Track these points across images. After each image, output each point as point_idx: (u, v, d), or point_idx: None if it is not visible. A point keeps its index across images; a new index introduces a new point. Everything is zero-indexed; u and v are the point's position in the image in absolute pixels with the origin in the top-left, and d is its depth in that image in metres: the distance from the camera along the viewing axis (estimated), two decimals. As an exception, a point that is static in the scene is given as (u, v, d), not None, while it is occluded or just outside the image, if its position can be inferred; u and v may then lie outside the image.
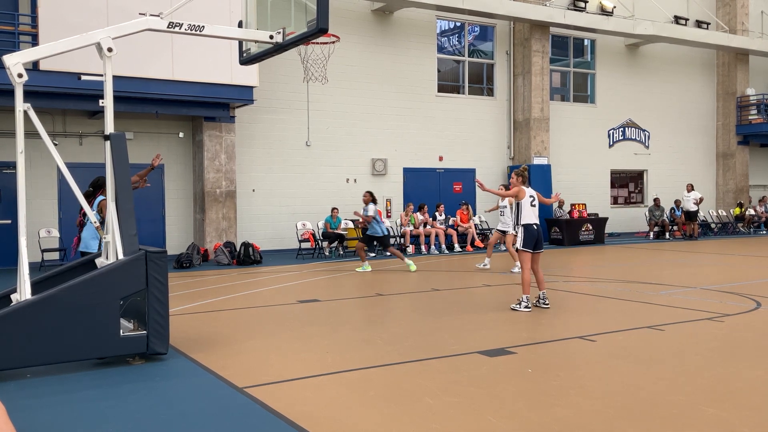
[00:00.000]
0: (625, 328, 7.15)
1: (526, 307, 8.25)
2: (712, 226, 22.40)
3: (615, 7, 20.70)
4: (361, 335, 7.02)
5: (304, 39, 6.52)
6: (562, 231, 18.61)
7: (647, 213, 21.20)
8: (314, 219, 16.48)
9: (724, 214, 23.03)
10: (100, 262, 6.33)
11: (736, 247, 17.29)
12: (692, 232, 20.29)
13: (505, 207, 12.81)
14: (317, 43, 12.91)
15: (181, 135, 15.83)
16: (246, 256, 14.33)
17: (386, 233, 13.15)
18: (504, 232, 12.97)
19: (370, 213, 12.81)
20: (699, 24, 22.39)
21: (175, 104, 14.24)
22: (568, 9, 19.78)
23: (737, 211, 22.66)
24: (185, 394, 5.04)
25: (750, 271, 12.24)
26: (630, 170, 22.50)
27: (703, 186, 22.85)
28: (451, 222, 17.35)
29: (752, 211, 23.07)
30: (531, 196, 8.49)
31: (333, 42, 13.17)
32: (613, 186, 22.17)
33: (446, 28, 19.69)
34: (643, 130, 22.45)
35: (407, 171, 18.44)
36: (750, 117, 23.37)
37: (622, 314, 8.18)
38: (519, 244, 8.37)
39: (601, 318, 7.96)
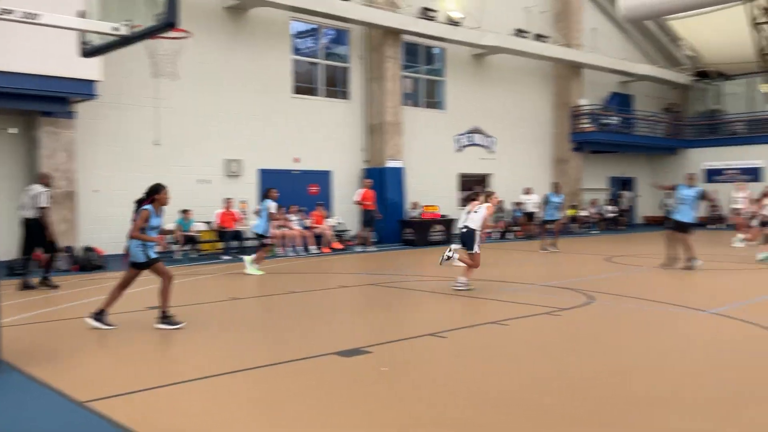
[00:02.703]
0: (473, 324, 7.50)
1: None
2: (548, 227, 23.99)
3: (463, 18, 21.68)
4: (215, 341, 6.82)
5: (152, 33, 6.23)
6: (414, 232, 19.18)
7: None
8: (164, 221, 15.75)
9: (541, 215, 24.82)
10: None
11: (571, 246, 18.70)
12: (531, 232, 21.73)
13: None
14: (167, 37, 12.35)
15: (12, 131, 14.53)
16: (87, 261, 13.44)
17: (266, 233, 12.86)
18: None
19: (272, 210, 12.58)
20: (539, 37, 24.00)
21: (5, 97, 13.05)
22: (419, 18, 20.45)
23: (572, 212, 24.52)
24: (20, 412, 4.63)
25: (583, 269, 13.30)
26: (476, 174, 23.64)
27: (541, 189, 24.41)
28: (307, 224, 17.31)
29: (585, 213, 25.08)
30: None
31: (184, 37, 12.67)
32: (462, 189, 23.19)
33: (302, 29, 19.65)
34: (489, 136, 23.70)
35: (263, 172, 18.17)
36: (583, 126, 25.42)
37: (470, 311, 8.59)
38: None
39: (450, 315, 8.31)
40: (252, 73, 17.93)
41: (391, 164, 19.97)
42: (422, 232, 19.24)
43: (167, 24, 5.84)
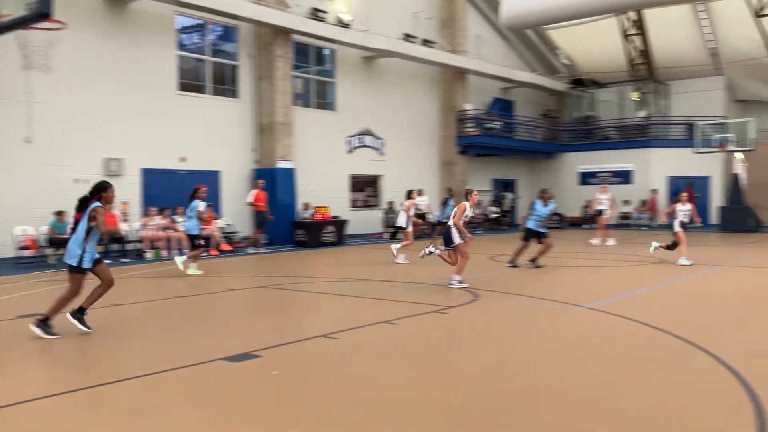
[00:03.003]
0: (364, 324, 7.56)
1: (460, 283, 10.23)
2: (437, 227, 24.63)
3: (353, 20, 21.82)
4: (94, 349, 6.48)
5: (23, 23, 5.84)
6: (306, 233, 19.07)
7: (382, 215, 22.70)
8: (36, 223, 14.77)
9: (432, 216, 25.44)
10: None
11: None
12: (422, 232, 22.21)
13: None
14: (39, 28, 11.62)
15: None
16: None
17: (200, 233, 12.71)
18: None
19: (200, 209, 12.40)
20: (426, 43, 24.57)
21: None
22: (309, 18, 20.37)
23: (458, 213, 25.25)
24: None
25: (469, 267, 13.69)
26: (367, 175, 23.87)
27: (430, 191, 24.99)
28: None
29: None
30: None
31: (58, 29, 11.97)
32: (352, 190, 23.33)
33: (187, 24, 19.05)
34: (379, 138, 23.99)
35: (146, 172, 17.45)
36: (467, 129, 26.26)
37: (362, 311, 8.65)
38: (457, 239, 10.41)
39: (342, 316, 8.34)
40: (134, 68, 17.18)
41: (282, 165, 19.77)
42: (314, 234, 19.17)
43: (40, 14, 5.50)
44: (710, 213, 26.83)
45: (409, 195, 15.41)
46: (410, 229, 15.05)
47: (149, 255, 15.54)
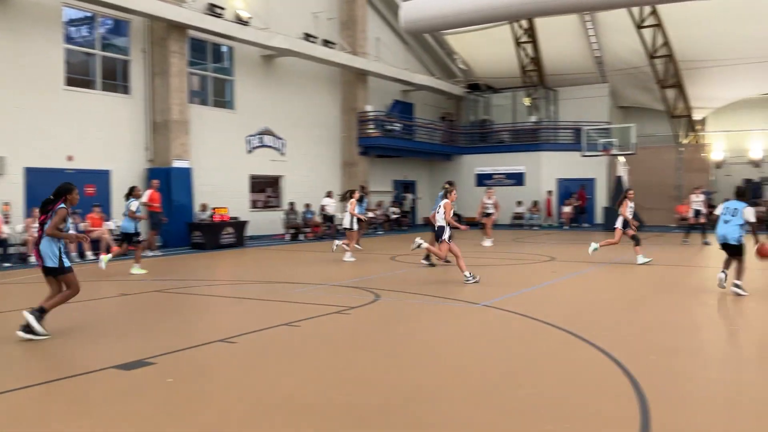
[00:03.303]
0: (265, 327, 7.46)
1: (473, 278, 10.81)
2: (339, 227, 24.71)
3: (251, 18, 21.46)
4: (-31, 362, 6.03)
5: None
6: (204, 235, 18.58)
7: (283, 216, 22.48)
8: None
9: (341, 216, 25.57)
10: None
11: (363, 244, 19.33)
12: (324, 233, 22.21)
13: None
14: None
15: None
16: None
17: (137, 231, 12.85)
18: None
19: (132, 208, 12.58)
20: (326, 43, 24.54)
21: None
22: (206, 14, 19.86)
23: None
24: None
25: (371, 267, 13.82)
26: (268, 176, 23.54)
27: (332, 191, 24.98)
28: (82, 227, 15.97)
29: (371, 214, 26.09)
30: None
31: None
32: (252, 190, 22.94)
33: (75, 17, 18.08)
34: (279, 138, 23.72)
35: (30, 171, 16.40)
36: (368, 131, 26.45)
37: (262, 314, 8.53)
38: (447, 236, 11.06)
39: (241, 319, 8.19)
40: (15, 61, 16.13)
41: (177, 164, 19.15)
42: (212, 235, 18.70)
43: None
44: (595, 213, 28.40)
45: (351, 195, 15.72)
46: (355, 228, 15.50)
47: (33, 259, 14.62)
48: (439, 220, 11.22)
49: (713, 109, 30.82)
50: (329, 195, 22.83)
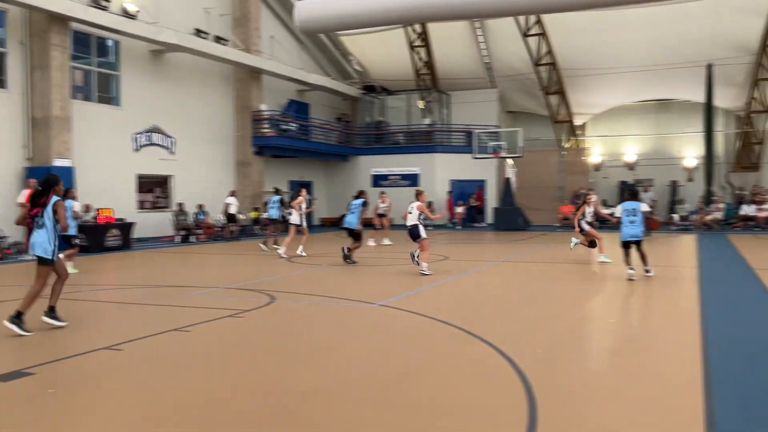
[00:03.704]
0: (153, 333, 7.20)
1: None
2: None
3: (139, 11, 20.62)
4: None
5: None
6: (87, 237, 17.64)
7: (173, 217, 21.75)
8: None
9: (244, 217, 25.09)
10: None
11: (251, 247, 19.04)
12: (233, 233, 21.88)
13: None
14: None
15: None
16: None
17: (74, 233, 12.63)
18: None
19: (75, 209, 12.56)
20: (219, 40, 23.96)
21: None
22: (90, 6, 18.89)
23: (255, 214, 24.95)
24: None
25: (265, 269, 13.65)
26: (156, 175, 22.69)
27: (226, 192, 24.36)
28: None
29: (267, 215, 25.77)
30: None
31: None
32: (140, 190, 22.03)
33: (-60, 2, 16.70)
34: (169, 136, 22.91)
35: None
36: (263, 130, 26.07)
37: (150, 319, 8.22)
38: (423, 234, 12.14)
39: (128, 325, 7.86)
40: None
41: (58, 163, 18.08)
42: (96, 237, 17.81)
43: None
44: (486, 213, 29.41)
45: (299, 193, 16.73)
46: (305, 224, 16.33)
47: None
48: (412, 220, 12.24)
49: (592, 115, 32.71)
50: (233, 194, 22.43)
